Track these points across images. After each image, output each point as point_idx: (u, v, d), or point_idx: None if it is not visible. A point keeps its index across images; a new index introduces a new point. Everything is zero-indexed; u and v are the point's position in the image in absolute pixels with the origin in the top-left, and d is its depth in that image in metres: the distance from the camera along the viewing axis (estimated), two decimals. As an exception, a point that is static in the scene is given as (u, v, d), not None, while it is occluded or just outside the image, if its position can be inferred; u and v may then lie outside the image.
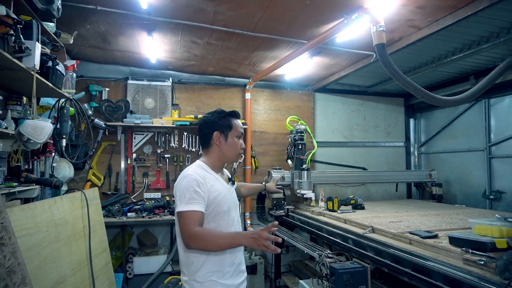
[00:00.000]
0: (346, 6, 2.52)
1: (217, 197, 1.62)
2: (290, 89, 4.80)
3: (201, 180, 1.59)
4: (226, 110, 1.80)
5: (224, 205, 1.66)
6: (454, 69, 3.96)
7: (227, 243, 1.50)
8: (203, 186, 1.58)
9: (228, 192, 1.73)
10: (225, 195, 1.68)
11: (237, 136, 1.77)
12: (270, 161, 4.58)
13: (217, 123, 1.74)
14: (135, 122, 3.92)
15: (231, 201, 1.74)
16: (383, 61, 2.49)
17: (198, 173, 1.62)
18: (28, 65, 1.89)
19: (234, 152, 1.76)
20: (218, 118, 1.75)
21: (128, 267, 3.68)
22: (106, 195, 4.00)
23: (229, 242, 1.50)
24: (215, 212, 1.63)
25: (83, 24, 2.94)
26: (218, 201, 1.63)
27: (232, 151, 1.76)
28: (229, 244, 1.51)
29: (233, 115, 1.79)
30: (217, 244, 1.51)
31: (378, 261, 2.10)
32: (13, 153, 2.25)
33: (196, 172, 1.63)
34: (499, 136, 3.94)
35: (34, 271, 1.75)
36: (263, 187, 2.69)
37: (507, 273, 1.39)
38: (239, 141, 1.78)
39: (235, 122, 1.77)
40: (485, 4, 2.34)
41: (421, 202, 4.12)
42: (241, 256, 1.77)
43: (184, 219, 1.52)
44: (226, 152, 1.75)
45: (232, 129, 1.75)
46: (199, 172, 1.64)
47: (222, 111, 1.79)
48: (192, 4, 2.56)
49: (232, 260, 1.67)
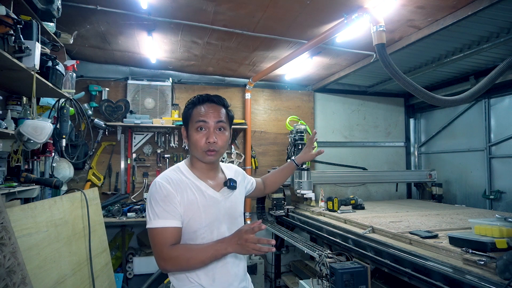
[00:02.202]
0: (346, 6, 2.52)
1: (189, 211, 1.30)
2: (290, 89, 4.80)
3: (170, 188, 1.29)
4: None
5: (200, 221, 1.31)
6: (454, 69, 3.96)
7: (209, 256, 1.23)
8: (172, 195, 1.28)
9: (213, 202, 1.36)
10: (205, 206, 1.33)
11: (197, 127, 1.34)
12: (270, 161, 4.58)
13: (183, 115, 1.42)
14: (135, 122, 3.92)
15: (218, 213, 1.36)
16: (383, 61, 2.49)
17: (169, 179, 1.32)
18: (28, 65, 1.89)
19: (195, 149, 1.35)
20: (184, 108, 1.42)
21: (128, 267, 3.68)
22: (106, 195, 4.00)
23: (213, 255, 1.24)
24: (189, 229, 1.31)
25: (83, 24, 2.94)
26: (191, 215, 1.30)
27: (193, 148, 1.36)
28: (213, 257, 1.24)
29: (197, 100, 1.38)
30: (199, 261, 1.24)
31: (378, 261, 2.10)
32: (13, 153, 2.25)
33: (166, 177, 1.33)
34: (499, 136, 3.94)
35: (34, 271, 1.75)
36: (293, 165, 1.85)
37: (507, 273, 1.39)
38: (203, 133, 1.34)
39: (196, 110, 1.36)
40: (485, 4, 2.34)
41: (421, 202, 4.11)
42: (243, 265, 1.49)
43: (155, 238, 1.25)
44: (191, 151, 1.40)
45: (190, 119, 1.37)
46: (171, 177, 1.33)
47: (190, 99, 1.42)
48: (192, 4, 2.56)
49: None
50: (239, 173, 1.61)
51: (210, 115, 1.34)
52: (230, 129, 1.45)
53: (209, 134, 1.33)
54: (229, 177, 1.48)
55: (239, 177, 1.57)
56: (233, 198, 1.46)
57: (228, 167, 1.58)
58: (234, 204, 1.46)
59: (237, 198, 1.49)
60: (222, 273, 1.36)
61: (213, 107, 1.37)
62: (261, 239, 1.19)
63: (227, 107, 1.44)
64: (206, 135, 1.34)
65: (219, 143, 1.35)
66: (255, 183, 1.75)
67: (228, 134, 1.41)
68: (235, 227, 1.40)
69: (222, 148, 1.37)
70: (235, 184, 1.45)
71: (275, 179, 1.85)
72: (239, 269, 1.44)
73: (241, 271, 1.45)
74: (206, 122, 1.34)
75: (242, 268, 1.47)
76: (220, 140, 1.36)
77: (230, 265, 1.39)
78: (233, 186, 1.44)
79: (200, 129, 1.34)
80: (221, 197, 1.41)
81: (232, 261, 1.40)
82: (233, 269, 1.40)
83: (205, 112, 1.35)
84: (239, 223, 1.46)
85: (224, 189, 1.43)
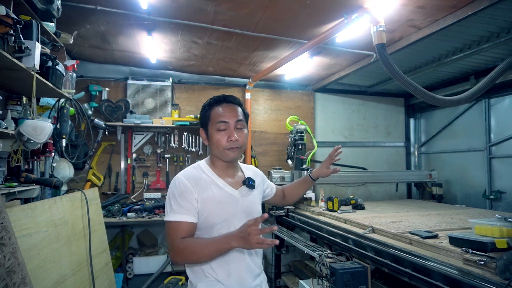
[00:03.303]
0: (346, 6, 2.52)
1: (207, 206, 1.36)
2: (290, 89, 4.80)
3: (189, 184, 1.36)
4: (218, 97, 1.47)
5: (217, 217, 1.37)
6: (454, 69, 3.96)
7: (214, 250, 1.27)
8: (190, 191, 1.35)
9: (230, 199, 1.41)
10: (222, 203, 1.39)
11: (217, 128, 1.40)
12: (270, 161, 4.58)
13: (200, 116, 1.48)
14: (135, 122, 3.92)
15: (235, 210, 1.41)
16: (383, 61, 2.49)
17: (188, 176, 1.40)
18: (28, 65, 1.89)
19: (217, 148, 1.42)
20: (202, 110, 1.47)
21: (128, 267, 3.68)
22: (106, 195, 4.00)
23: (218, 248, 1.26)
24: (207, 225, 1.37)
25: (83, 24, 2.94)
26: (209, 211, 1.36)
27: (215, 148, 1.42)
28: (218, 250, 1.27)
29: (215, 101, 1.44)
30: (204, 254, 1.28)
31: (378, 261, 2.10)
32: (13, 153, 2.25)
33: (186, 174, 1.41)
34: (499, 136, 3.94)
35: (34, 271, 1.75)
36: (308, 179, 1.84)
37: (507, 273, 1.39)
38: (224, 133, 1.40)
39: (215, 110, 1.42)
40: (485, 4, 2.34)
41: (421, 202, 4.11)
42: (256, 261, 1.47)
43: (169, 230, 1.33)
44: (212, 150, 1.45)
45: (210, 120, 1.42)
46: (191, 174, 1.41)
47: (207, 100, 1.48)
48: (192, 4, 2.56)
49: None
50: (259, 174, 1.65)
51: (229, 115, 1.41)
52: (247, 126, 1.51)
53: (231, 133, 1.40)
54: (247, 176, 1.52)
55: (258, 178, 1.60)
56: (251, 197, 1.49)
57: (248, 168, 1.63)
58: (251, 203, 1.49)
59: (255, 197, 1.52)
60: (238, 268, 1.39)
61: (230, 107, 1.43)
62: (264, 229, 1.20)
63: (242, 106, 1.50)
64: (227, 134, 1.40)
65: (240, 140, 1.42)
66: (274, 189, 1.76)
67: (246, 132, 1.47)
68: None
69: (243, 145, 1.44)
70: (253, 183, 1.50)
71: (292, 191, 1.85)
72: (255, 266, 1.46)
73: (257, 268, 1.47)
74: (227, 122, 1.40)
75: (258, 265, 1.48)
76: (241, 138, 1.42)
77: (246, 261, 1.42)
78: (252, 185, 1.49)
79: (221, 129, 1.40)
80: (239, 195, 1.45)
81: (248, 258, 1.43)
82: (249, 266, 1.43)
83: (224, 112, 1.41)
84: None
85: (242, 187, 1.48)
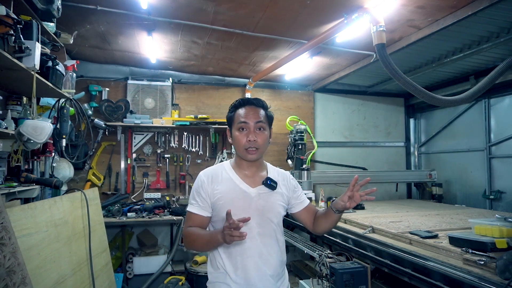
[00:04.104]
0: (346, 6, 2.52)
1: (219, 201, 1.45)
2: (290, 89, 4.80)
3: (205, 180, 1.48)
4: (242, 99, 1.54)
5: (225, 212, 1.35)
6: (454, 69, 3.97)
7: (206, 242, 1.39)
8: (205, 187, 1.47)
9: (243, 196, 1.46)
10: (234, 198, 1.45)
11: (238, 127, 1.48)
12: (270, 161, 4.45)
13: (227, 117, 1.56)
14: (135, 122, 3.92)
15: (247, 207, 1.45)
16: (383, 61, 2.49)
17: (208, 172, 1.52)
18: (28, 65, 1.89)
19: (237, 147, 1.50)
20: (228, 111, 1.56)
21: (128, 267, 3.68)
22: (106, 195, 4.00)
23: (209, 241, 1.38)
24: (219, 218, 1.45)
25: (83, 24, 2.94)
26: (220, 206, 1.44)
27: (236, 147, 1.51)
28: (209, 243, 1.39)
29: (239, 103, 1.52)
30: (199, 244, 1.42)
31: (378, 261, 2.10)
32: (13, 153, 2.25)
33: (206, 171, 1.54)
34: (499, 136, 3.94)
35: (34, 271, 1.75)
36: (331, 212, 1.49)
37: (507, 273, 1.39)
38: (244, 133, 1.47)
39: (238, 112, 1.50)
40: (485, 4, 2.34)
41: (421, 202, 4.11)
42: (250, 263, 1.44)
43: (186, 218, 1.51)
44: (235, 149, 1.54)
45: (234, 120, 1.51)
46: (211, 170, 1.54)
47: (232, 103, 1.56)
48: (192, 4, 2.56)
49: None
50: (287, 180, 1.62)
51: (250, 116, 1.47)
52: (270, 129, 1.55)
53: (249, 133, 1.45)
54: (268, 176, 1.53)
55: (285, 183, 1.59)
56: (269, 198, 1.50)
57: (276, 171, 1.63)
58: (269, 203, 1.49)
59: (275, 199, 1.51)
60: (245, 265, 1.42)
61: (252, 109, 1.49)
62: (232, 225, 1.21)
63: (266, 109, 1.54)
64: (247, 134, 1.46)
65: (259, 141, 1.46)
66: (305, 204, 1.62)
67: (267, 133, 1.51)
68: (267, 225, 1.48)
69: (262, 146, 1.48)
70: (273, 184, 1.50)
71: (319, 219, 1.60)
72: (266, 267, 1.45)
73: (268, 269, 1.45)
74: (247, 123, 1.46)
75: (270, 267, 1.46)
76: (260, 139, 1.46)
77: (254, 260, 1.43)
78: (271, 185, 1.50)
79: (242, 130, 1.47)
80: (255, 193, 1.48)
81: (258, 256, 1.44)
82: (258, 265, 1.43)
83: (245, 113, 1.48)
84: (273, 223, 1.49)
85: (260, 186, 1.50)
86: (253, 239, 1.44)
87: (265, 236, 1.47)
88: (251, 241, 1.44)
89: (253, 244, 1.44)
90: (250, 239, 1.42)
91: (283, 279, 1.54)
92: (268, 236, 1.47)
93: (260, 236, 1.46)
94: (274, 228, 1.50)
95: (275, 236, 1.50)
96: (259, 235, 1.45)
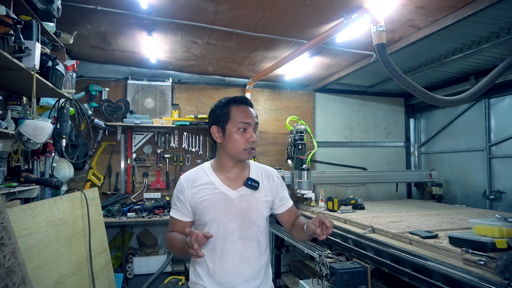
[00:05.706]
0: (346, 6, 2.52)
1: (199, 205, 1.42)
2: (290, 89, 4.80)
3: (185, 185, 1.44)
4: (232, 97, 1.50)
5: (208, 215, 1.41)
6: (454, 69, 3.96)
7: (180, 248, 1.34)
8: (184, 192, 1.44)
9: (223, 199, 1.43)
10: (214, 202, 1.42)
11: (238, 127, 1.43)
12: (270, 161, 4.57)
13: (215, 113, 1.48)
14: (135, 122, 3.92)
15: (228, 210, 1.42)
16: (383, 61, 2.49)
17: (189, 176, 1.48)
18: (28, 65, 1.89)
19: (235, 147, 1.43)
20: (217, 108, 1.48)
21: (128, 267, 3.68)
22: (106, 195, 4.00)
23: (181, 248, 1.32)
24: (200, 222, 1.44)
25: (83, 24, 2.94)
26: (201, 210, 1.42)
27: (232, 147, 1.43)
28: (182, 250, 1.31)
29: (234, 102, 1.46)
30: (174, 248, 1.41)
31: (378, 261, 2.10)
32: (13, 153, 2.25)
33: (186, 175, 1.49)
34: (499, 136, 3.93)
35: (34, 271, 1.75)
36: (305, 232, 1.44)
37: (507, 273, 1.39)
38: (244, 133, 1.43)
39: (236, 110, 1.44)
40: (485, 4, 2.34)
41: (421, 202, 4.11)
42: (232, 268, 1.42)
43: (169, 223, 1.51)
44: (227, 149, 1.45)
45: (230, 119, 1.43)
46: (191, 174, 1.49)
47: (223, 99, 1.49)
48: (192, 4, 2.56)
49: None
50: (272, 177, 1.57)
51: (251, 117, 1.46)
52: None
53: (250, 134, 1.44)
54: (249, 176, 1.49)
55: (269, 181, 1.55)
56: (251, 199, 1.46)
57: (261, 169, 1.57)
58: (251, 205, 1.45)
59: (257, 200, 1.47)
60: (224, 269, 1.42)
61: (249, 109, 1.48)
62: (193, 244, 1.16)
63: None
64: (247, 135, 1.44)
65: (256, 141, 1.47)
66: (287, 206, 1.60)
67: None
68: (248, 228, 1.44)
69: (256, 146, 1.50)
70: (255, 184, 1.47)
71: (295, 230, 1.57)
72: (247, 269, 1.43)
73: (249, 272, 1.44)
74: (250, 124, 1.44)
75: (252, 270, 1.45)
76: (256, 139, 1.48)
77: (234, 263, 1.42)
78: (252, 185, 1.46)
79: (243, 130, 1.43)
80: (236, 195, 1.45)
81: (239, 259, 1.43)
82: (238, 268, 1.42)
83: (246, 114, 1.45)
84: (255, 226, 1.46)
85: (241, 188, 1.47)
86: (234, 243, 1.42)
87: (246, 239, 1.44)
88: (232, 245, 1.42)
89: (234, 247, 1.42)
90: (230, 243, 1.41)
91: (266, 280, 1.52)
92: (249, 239, 1.45)
93: (241, 239, 1.43)
94: (256, 231, 1.46)
95: (257, 238, 1.47)
96: (240, 238, 1.43)
